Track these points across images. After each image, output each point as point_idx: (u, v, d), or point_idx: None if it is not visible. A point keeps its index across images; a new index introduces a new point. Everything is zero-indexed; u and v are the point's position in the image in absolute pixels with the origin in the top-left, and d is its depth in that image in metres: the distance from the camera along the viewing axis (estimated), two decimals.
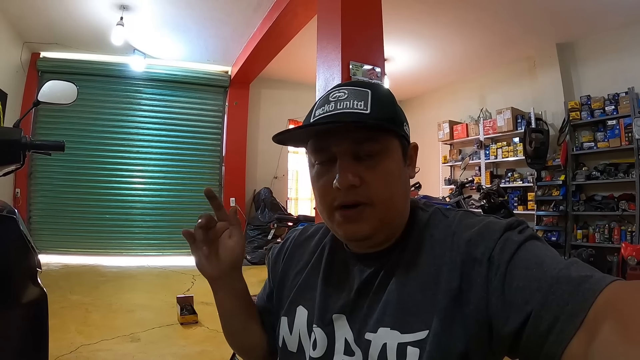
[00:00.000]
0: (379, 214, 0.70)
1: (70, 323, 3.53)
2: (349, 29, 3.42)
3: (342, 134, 0.70)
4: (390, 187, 0.71)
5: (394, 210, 0.72)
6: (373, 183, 0.70)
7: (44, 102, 1.71)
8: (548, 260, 0.58)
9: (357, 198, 0.70)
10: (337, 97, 0.72)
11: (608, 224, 5.45)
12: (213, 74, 7.65)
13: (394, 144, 0.73)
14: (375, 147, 0.70)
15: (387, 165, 0.71)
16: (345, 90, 0.73)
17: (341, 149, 0.70)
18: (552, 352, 0.50)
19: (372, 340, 0.68)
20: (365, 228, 0.71)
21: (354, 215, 0.71)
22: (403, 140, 0.75)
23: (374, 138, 0.70)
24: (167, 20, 5.64)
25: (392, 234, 0.75)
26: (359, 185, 0.69)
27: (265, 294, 0.97)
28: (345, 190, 0.69)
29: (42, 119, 6.64)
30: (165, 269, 6.45)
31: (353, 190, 0.69)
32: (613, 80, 5.49)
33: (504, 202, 5.20)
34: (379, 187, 0.70)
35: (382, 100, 0.72)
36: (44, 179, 6.77)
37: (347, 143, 0.70)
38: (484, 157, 7.17)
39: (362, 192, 0.69)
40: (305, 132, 0.74)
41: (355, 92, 0.72)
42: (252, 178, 7.93)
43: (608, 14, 5.20)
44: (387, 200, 0.70)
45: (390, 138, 0.72)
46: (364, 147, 0.70)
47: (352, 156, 0.70)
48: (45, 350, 1.44)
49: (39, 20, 5.58)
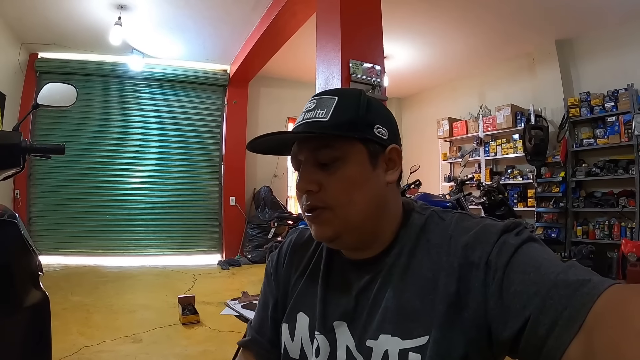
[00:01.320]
0: (339, 218, 0.72)
1: (72, 324, 3.53)
2: (348, 27, 3.41)
3: (303, 143, 0.76)
4: (348, 192, 0.72)
5: (358, 214, 0.73)
6: (330, 188, 0.72)
7: (44, 105, 1.70)
8: (546, 263, 0.58)
9: (315, 203, 0.73)
10: (307, 107, 0.77)
11: (608, 221, 5.45)
12: (212, 73, 7.63)
13: (355, 149, 0.73)
14: (331, 153, 0.72)
15: (346, 170, 0.72)
16: (315, 100, 0.77)
17: (304, 157, 0.75)
18: (551, 357, 0.51)
19: (373, 347, 0.68)
20: (326, 230, 0.73)
21: (313, 218, 0.74)
22: (371, 144, 0.75)
23: (330, 145, 0.72)
24: (165, 19, 5.62)
25: (371, 237, 0.76)
26: (317, 190, 0.73)
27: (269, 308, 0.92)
28: (305, 195, 0.74)
29: (40, 120, 6.62)
30: (166, 268, 6.46)
31: (312, 195, 0.73)
32: (612, 76, 5.48)
33: (504, 199, 5.20)
34: (335, 192, 0.72)
35: (346, 107, 0.74)
36: (43, 180, 6.75)
37: (306, 151, 0.75)
38: (483, 154, 7.18)
39: (320, 197, 0.73)
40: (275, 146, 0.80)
41: (322, 101, 0.76)
42: (252, 177, 7.92)
43: (607, 10, 5.19)
44: (345, 205, 0.72)
45: (351, 143, 0.73)
46: (321, 154, 0.73)
47: (314, 163, 0.74)
48: (48, 354, 1.44)
49: (37, 20, 5.56)
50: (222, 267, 6.72)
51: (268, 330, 0.91)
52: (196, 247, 7.48)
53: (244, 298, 2.32)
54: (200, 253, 7.44)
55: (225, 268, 6.62)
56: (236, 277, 5.99)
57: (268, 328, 0.91)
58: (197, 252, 7.43)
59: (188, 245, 7.42)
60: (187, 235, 7.44)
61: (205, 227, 7.59)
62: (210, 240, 7.61)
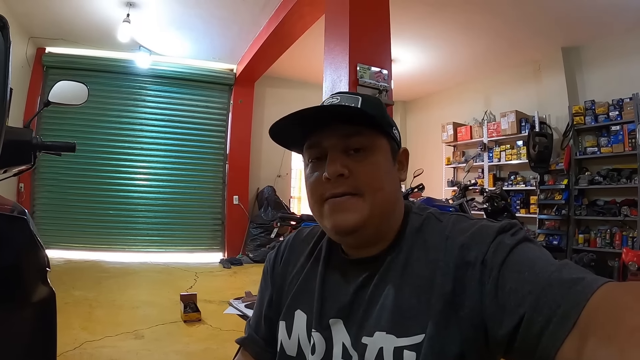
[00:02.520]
0: (367, 205, 0.73)
1: (74, 319, 3.55)
2: (357, 30, 3.42)
3: (332, 129, 0.75)
4: (379, 179, 0.74)
5: (384, 203, 0.74)
6: (361, 174, 0.73)
7: (55, 102, 1.72)
8: (540, 262, 0.59)
9: (345, 188, 0.73)
10: (330, 102, 0.78)
11: (610, 229, 5.44)
12: (218, 72, 7.65)
13: (382, 142, 0.77)
14: (362, 141, 0.74)
15: (375, 159, 0.75)
16: (338, 97, 0.78)
17: (331, 143, 0.75)
18: (546, 355, 0.51)
19: (368, 344, 0.69)
20: (353, 217, 0.72)
21: (342, 203, 0.73)
22: (392, 141, 0.79)
23: (362, 132, 0.74)
24: (174, 18, 5.64)
25: (382, 233, 0.77)
26: (348, 175, 0.73)
27: (264, 305, 0.93)
28: (334, 180, 0.73)
29: (47, 114, 6.62)
30: (168, 265, 6.48)
31: (341, 180, 0.73)
32: (618, 85, 5.47)
33: (506, 205, 5.21)
34: (366, 178, 0.73)
35: (372, 104, 0.77)
36: (48, 174, 6.78)
37: (336, 137, 0.75)
38: (487, 160, 7.18)
39: (351, 182, 0.73)
40: (299, 123, 0.77)
41: (347, 97, 0.78)
42: (256, 176, 7.93)
43: (614, 19, 5.19)
44: (375, 191, 0.73)
45: (378, 135, 0.76)
46: (352, 141, 0.74)
47: (341, 150, 0.74)
48: (53, 349, 1.46)
49: (45, 16, 5.59)
50: (223, 265, 6.72)
51: (263, 328, 0.92)
52: (198, 245, 7.49)
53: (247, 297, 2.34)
54: (202, 251, 7.45)
55: (227, 267, 6.62)
56: (238, 276, 6.01)
57: (263, 326, 0.92)
58: (199, 250, 7.44)
59: (190, 243, 7.43)
60: (190, 232, 7.46)
61: (208, 225, 7.61)
62: (213, 238, 7.63)
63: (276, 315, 0.89)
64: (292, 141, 0.83)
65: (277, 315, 0.88)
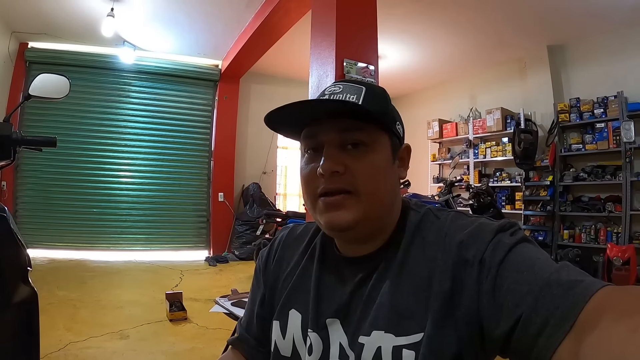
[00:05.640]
0: (362, 205, 0.70)
1: (58, 320, 3.49)
2: (344, 26, 3.39)
3: (330, 122, 0.71)
4: (377, 179, 0.71)
5: (379, 204, 0.72)
6: (358, 172, 0.70)
7: (35, 96, 1.67)
8: (539, 263, 0.58)
9: (341, 185, 0.70)
10: (332, 91, 0.76)
11: (594, 225, 5.52)
12: (203, 68, 7.58)
13: (383, 138, 0.74)
14: (361, 136, 0.71)
15: (374, 157, 0.71)
16: (341, 85, 0.76)
17: (328, 138, 0.71)
18: (542, 356, 0.50)
19: (365, 343, 0.67)
20: (347, 216, 0.70)
21: (336, 202, 0.70)
22: (394, 137, 0.76)
23: (361, 127, 0.71)
24: (158, 12, 5.57)
25: (378, 231, 0.75)
26: (343, 172, 0.70)
27: (256, 304, 0.92)
28: (329, 176, 0.69)
29: (29, 110, 6.51)
30: (153, 264, 6.41)
31: (336, 177, 0.70)
32: (603, 83, 5.55)
33: (492, 201, 5.25)
34: (363, 177, 0.70)
35: (375, 96, 0.74)
36: (30, 171, 6.65)
37: (334, 132, 0.71)
38: (472, 157, 7.23)
39: (346, 179, 0.70)
40: (297, 118, 0.74)
41: (350, 87, 0.75)
42: (241, 173, 7.90)
43: (599, 18, 5.25)
44: (371, 192, 0.71)
45: (379, 131, 0.73)
46: (350, 135, 0.71)
47: (338, 145, 0.71)
48: (36, 350, 1.43)
49: (28, 9, 5.47)
50: (209, 263, 6.69)
51: (255, 328, 0.90)
52: (183, 243, 7.43)
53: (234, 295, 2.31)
54: (187, 249, 7.39)
55: (212, 264, 6.59)
56: (223, 274, 5.96)
57: (255, 325, 0.90)
58: (185, 248, 7.38)
59: (175, 241, 7.37)
60: (175, 230, 7.40)
61: (193, 222, 7.55)
62: (198, 236, 7.57)
63: (269, 315, 0.86)
64: (288, 128, 0.80)
65: (269, 315, 0.86)
